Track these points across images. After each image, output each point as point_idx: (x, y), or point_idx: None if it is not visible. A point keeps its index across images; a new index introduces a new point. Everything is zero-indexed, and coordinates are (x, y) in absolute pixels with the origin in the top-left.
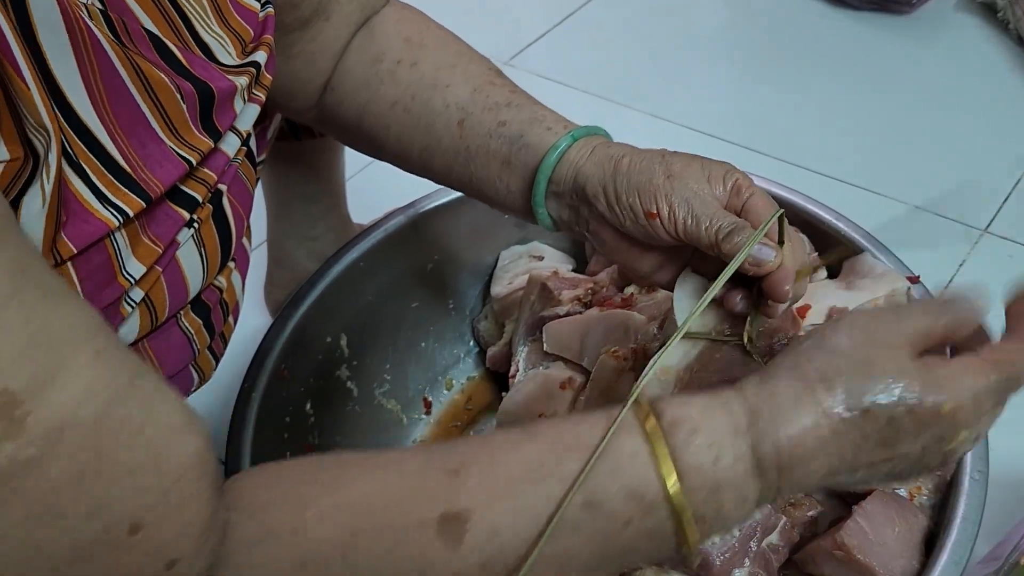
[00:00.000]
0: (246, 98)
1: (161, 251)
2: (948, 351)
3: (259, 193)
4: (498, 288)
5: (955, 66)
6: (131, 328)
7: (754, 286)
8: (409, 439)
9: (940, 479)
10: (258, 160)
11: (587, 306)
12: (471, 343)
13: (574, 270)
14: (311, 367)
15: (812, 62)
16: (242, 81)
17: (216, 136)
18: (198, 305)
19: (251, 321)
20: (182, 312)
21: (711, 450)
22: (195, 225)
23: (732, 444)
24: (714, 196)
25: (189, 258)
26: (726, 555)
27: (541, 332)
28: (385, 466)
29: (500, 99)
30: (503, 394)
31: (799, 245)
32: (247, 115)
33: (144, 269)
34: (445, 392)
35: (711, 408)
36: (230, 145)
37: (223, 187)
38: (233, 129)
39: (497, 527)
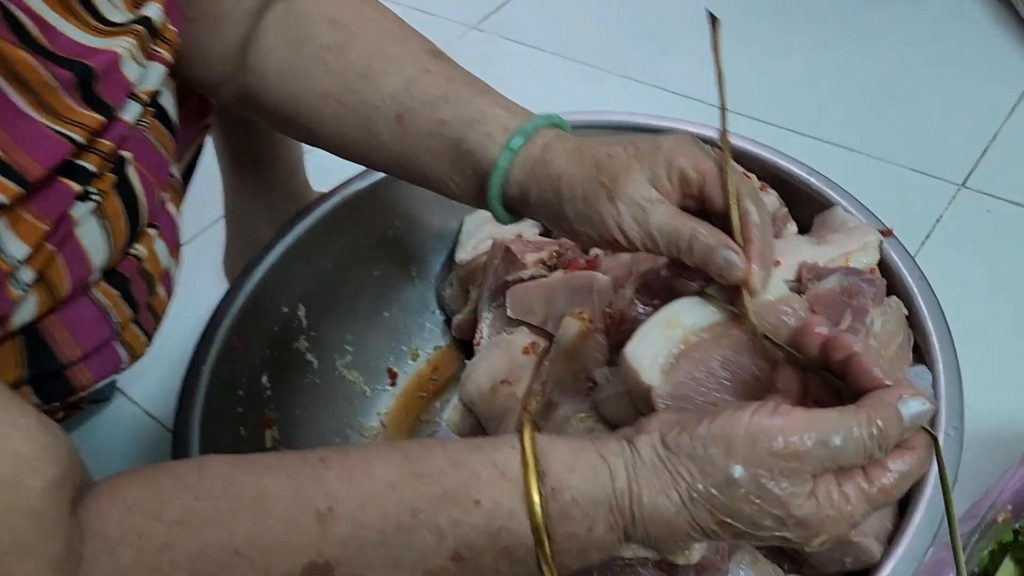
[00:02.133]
0: (142, 59)
1: (49, 228)
2: None
3: (213, 162)
4: (462, 254)
5: (931, 19)
6: (27, 310)
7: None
8: (373, 411)
9: None
10: (203, 124)
11: (552, 269)
12: (436, 312)
13: (541, 234)
14: (267, 338)
15: (787, 18)
16: (123, 44)
17: (106, 110)
18: (113, 276)
19: (209, 294)
20: (93, 284)
21: (585, 521)
22: (95, 199)
23: (605, 518)
24: (663, 200)
25: (88, 232)
26: None
27: (505, 297)
28: (252, 499)
29: (437, 92)
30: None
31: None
32: (150, 76)
33: (29, 249)
34: (410, 362)
35: (592, 477)
36: (130, 112)
37: (127, 154)
38: (133, 96)
39: None
